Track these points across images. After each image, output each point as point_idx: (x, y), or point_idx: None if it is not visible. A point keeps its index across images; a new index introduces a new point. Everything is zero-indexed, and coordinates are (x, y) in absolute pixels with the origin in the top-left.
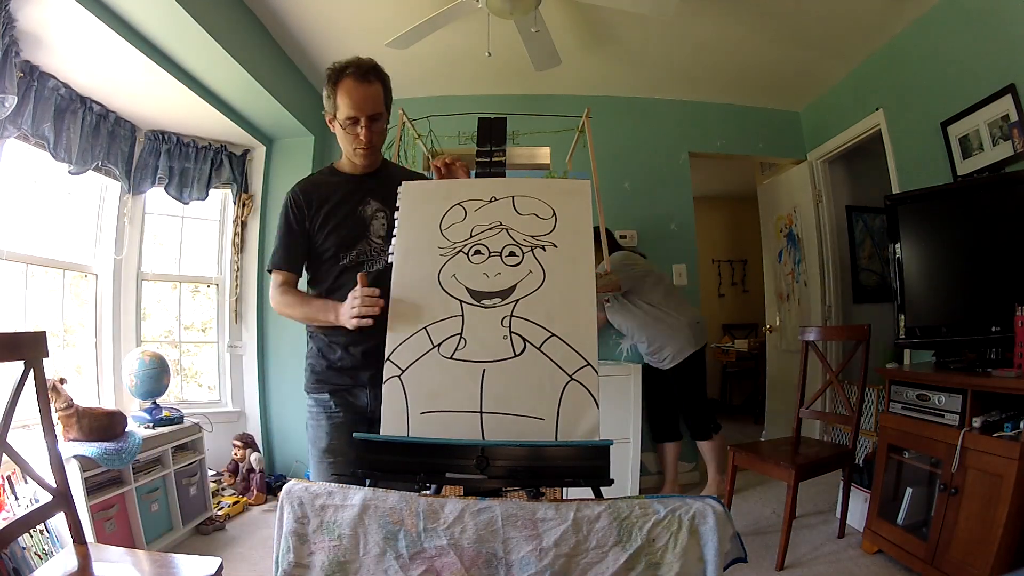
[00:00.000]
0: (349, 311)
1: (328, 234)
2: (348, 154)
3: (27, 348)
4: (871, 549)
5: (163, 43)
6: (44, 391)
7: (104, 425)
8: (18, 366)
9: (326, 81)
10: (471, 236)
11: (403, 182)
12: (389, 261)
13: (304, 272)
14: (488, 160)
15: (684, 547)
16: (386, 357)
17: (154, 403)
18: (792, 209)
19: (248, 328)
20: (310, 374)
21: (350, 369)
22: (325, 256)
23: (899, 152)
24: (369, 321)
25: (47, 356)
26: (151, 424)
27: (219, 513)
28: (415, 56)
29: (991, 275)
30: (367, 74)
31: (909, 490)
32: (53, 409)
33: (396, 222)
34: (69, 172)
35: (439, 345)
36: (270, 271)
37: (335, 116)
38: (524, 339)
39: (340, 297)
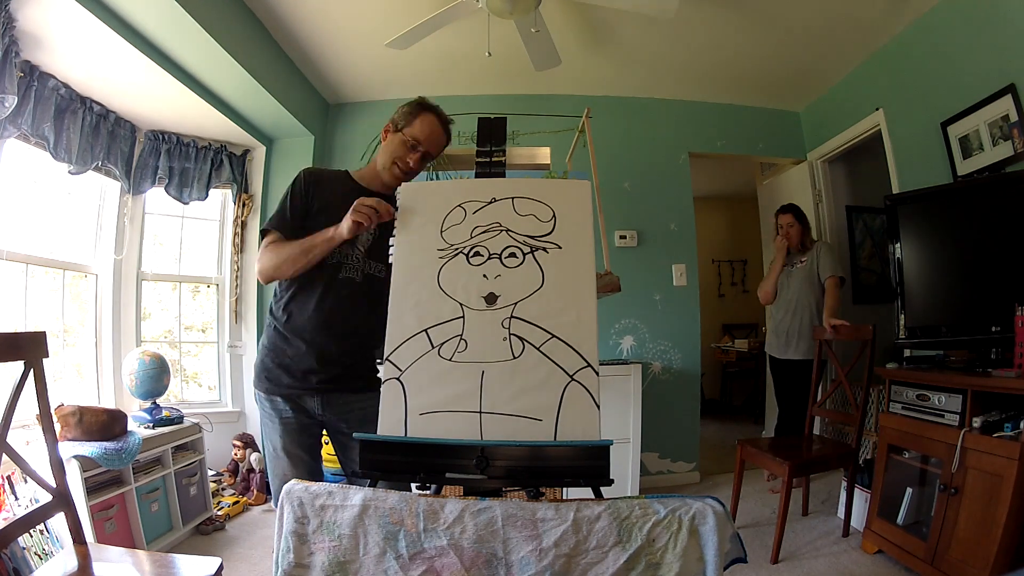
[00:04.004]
0: (347, 219)
1: (319, 226)
2: (383, 165)
3: (27, 348)
4: (871, 549)
5: (163, 43)
6: (44, 391)
7: (104, 424)
8: (18, 366)
9: (412, 104)
10: (471, 238)
11: (402, 183)
12: (390, 262)
13: None
14: (488, 160)
15: (684, 547)
16: (386, 357)
17: (154, 403)
18: None
19: (248, 328)
20: (261, 371)
21: (301, 371)
22: None
23: (899, 152)
24: (364, 225)
25: (47, 356)
26: (151, 424)
27: (219, 513)
28: (415, 56)
29: (991, 275)
30: (447, 123)
31: (909, 490)
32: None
33: (395, 223)
34: (69, 172)
35: (440, 347)
36: (265, 231)
37: (400, 130)
38: (524, 340)
39: (307, 295)
